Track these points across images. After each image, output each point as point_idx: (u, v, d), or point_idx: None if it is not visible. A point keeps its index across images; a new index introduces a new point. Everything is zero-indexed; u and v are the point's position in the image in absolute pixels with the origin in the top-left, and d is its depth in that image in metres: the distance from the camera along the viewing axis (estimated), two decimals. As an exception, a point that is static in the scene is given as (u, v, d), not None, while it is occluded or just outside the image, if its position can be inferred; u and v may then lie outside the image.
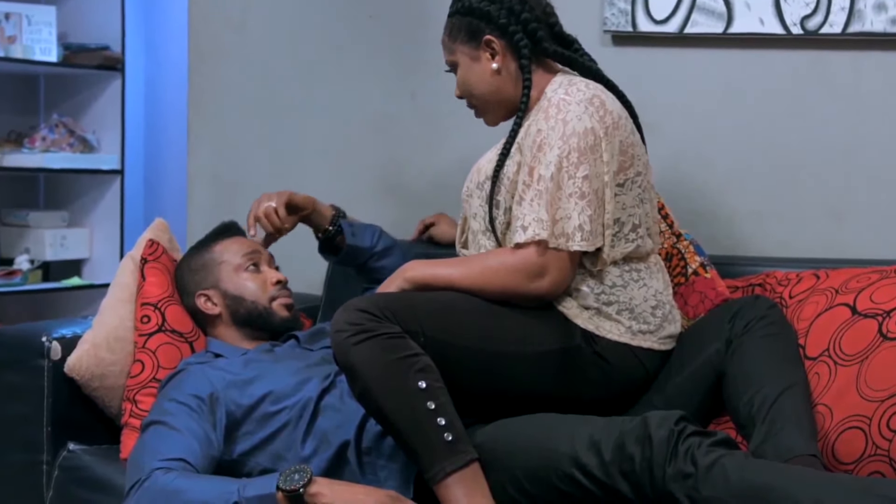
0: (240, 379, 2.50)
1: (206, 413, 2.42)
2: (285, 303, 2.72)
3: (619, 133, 2.37)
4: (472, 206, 2.53)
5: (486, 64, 2.47)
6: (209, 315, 2.71)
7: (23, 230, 5.02)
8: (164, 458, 2.27)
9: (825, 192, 2.90)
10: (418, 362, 2.17)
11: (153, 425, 2.39)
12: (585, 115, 2.33)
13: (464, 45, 2.48)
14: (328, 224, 2.83)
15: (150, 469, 2.25)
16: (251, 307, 2.69)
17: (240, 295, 2.69)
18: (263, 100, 3.42)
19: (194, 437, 2.36)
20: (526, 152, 2.37)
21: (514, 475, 2.18)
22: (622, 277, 2.39)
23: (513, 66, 2.47)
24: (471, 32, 2.47)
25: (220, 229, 2.82)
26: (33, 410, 2.63)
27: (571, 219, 2.29)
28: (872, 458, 2.19)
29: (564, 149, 2.31)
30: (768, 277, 2.67)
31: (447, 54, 2.53)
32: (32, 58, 4.79)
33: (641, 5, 2.94)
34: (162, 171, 5.44)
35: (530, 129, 2.38)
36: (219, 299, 2.70)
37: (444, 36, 2.53)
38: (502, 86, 2.48)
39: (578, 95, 2.37)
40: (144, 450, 2.33)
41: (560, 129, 2.32)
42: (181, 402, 2.42)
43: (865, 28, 2.80)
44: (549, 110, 2.36)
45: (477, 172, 2.54)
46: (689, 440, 2.04)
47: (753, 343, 2.32)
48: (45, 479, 2.63)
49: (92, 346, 2.64)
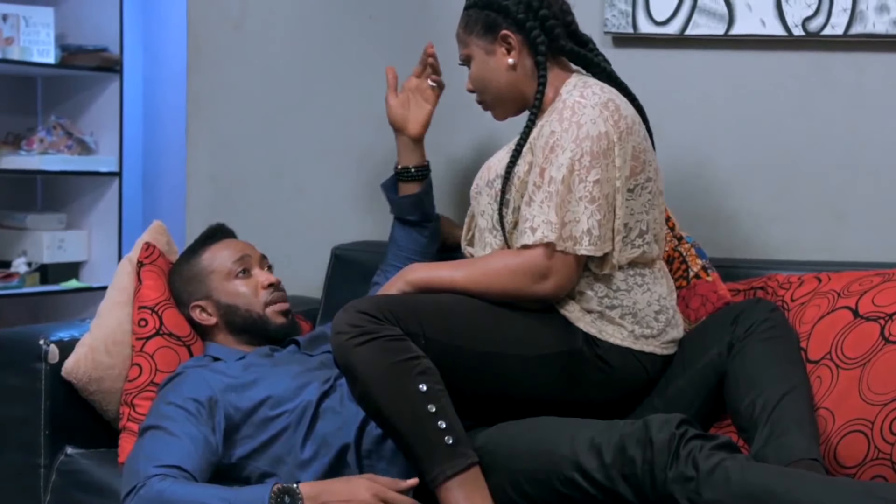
0: (238, 383, 2.49)
1: (204, 417, 2.41)
2: (280, 309, 2.71)
3: (632, 138, 2.36)
4: (480, 204, 2.52)
5: (501, 59, 2.46)
6: (205, 325, 2.70)
7: (20, 232, 5.01)
8: (160, 465, 2.27)
9: (827, 195, 2.89)
10: (419, 365, 2.17)
11: (150, 430, 2.38)
12: (600, 119, 2.32)
13: (479, 38, 2.47)
14: (414, 163, 2.83)
15: (145, 476, 2.24)
16: (245, 315, 2.68)
17: (233, 304, 2.68)
18: (262, 101, 3.41)
19: (192, 441, 2.35)
20: (538, 153, 2.36)
21: (514, 478, 2.19)
22: (626, 282, 2.38)
23: (528, 62, 2.46)
24: (487, 26, 2.46)
25: (208, 234, 2.80)
26: (31, 414, 2.63)
27: (580, 222, 2.29)
28: (875, 462, 2.18)
29: (577, 152, 2.30)
30: (770, 280, 2.66)
31: (462, 47, 2.52)
32: (30, 59, 4.79)
33: (642, 7, 2.93)
34: (160, 173, 5.43)
35: (543, 130, 2.37)
36: (213, 309, 2.69)
37: (459, 29, 2.52)
38: (517, 82, 2.47)
39: (594, 99, 2.36)
40: (141, 455, 2.33)
41: (574, 132, 2.31)
42: (179, 406, 2.41)
43: (867, 29, 2.79)
44: (563, 112, 2.35)
45: (487, 170, 2.53)
46: (691, 443, 2.05)
47: (755, 346, 2.32)
48: (43, 483, 2.63)
49: (89, 349, 2.64)
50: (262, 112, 3.41)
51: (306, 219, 3.35)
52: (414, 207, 2.83)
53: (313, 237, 3.29)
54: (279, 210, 3.37)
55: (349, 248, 3.17)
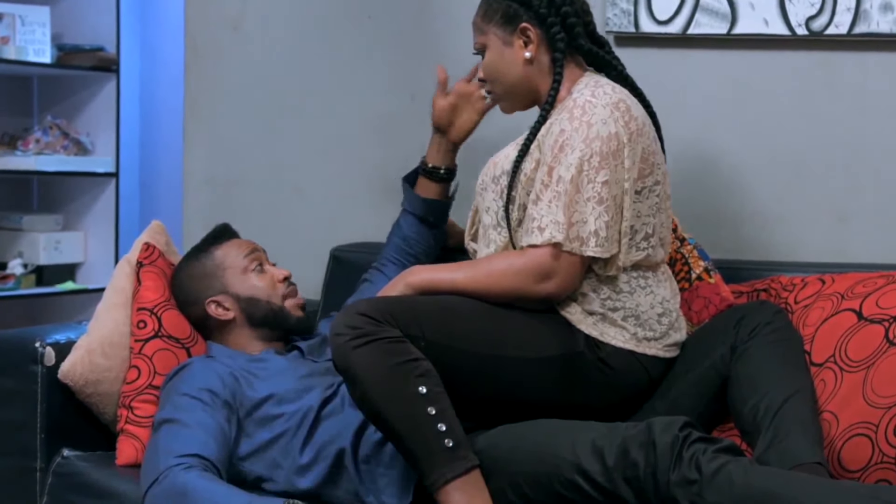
0: (244, 377, 2.50)
1: (219, 406, 2.42)
2: (299, 303, 2.73)
3: (641, 140, 2.35)
4: (485, 200, 2.50)
5: (518, 51, 2.44)
6: (221, 321, 2.69)
7: (16, 234, 5.01)
8: (179, 455, 2.26)
9: (831, 195, 2.88)
10: (419, 367, 2.16)
11: (165, 424, 2.38)
12: (611, 119, 2.31)
13: (498, 27, 2.45)
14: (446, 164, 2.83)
15: (166, 467, 2.24)
16: (266, 308, 2.68)
17: (254, 296, 2.68)
18: (260, 101, 3.40)
19: (208, 431, 2.35)
20: (546, 151, 2.35)
21: (515, 481, 2.18)
22: (629, 284, 2.37)
23: (545, 58, 2.45)
24: (508, 17, 2.44)
25: (216, 234, 2.80)
26: (27, 416, 2.62)
27: (587, 223, 2.28)
28: (879, 466, 2.17)
29: (587, 152, 2.29)
30: (773, 282, 2.66)
31: (478, 35, 2.50)
32: (26, 59, 4.78)
33: (644, 6, 2.92)
34: (157, 174, 5.43)
35: (552, 128, 2.36)
36: (231, 304, 2.68)
37: (476, 17, 2.50)
38: (531, 76, 2.46)
39: (605, 99, 2.34)
40: (158, 449, 2.32)
41: (584, 132, 2.30)
42: (194, 397, 2.42)
43: (871, 29, 2.78)
44: (573, 111, 2.34)
45: (493, 166, 2.51)
46: (694, 446, 2.04)
47: (759, 349, 2.32)
48: (39, 486, 2.62)
49: (86, 351, 2.63)
50: (260, 112, 3.41)
51: (305, 220, 3.35)
52: (441, 211, 2.85)
53: (312, 238, 3.28)
54: (277, 211, 3.37)
55: (348, 249, 3.17)
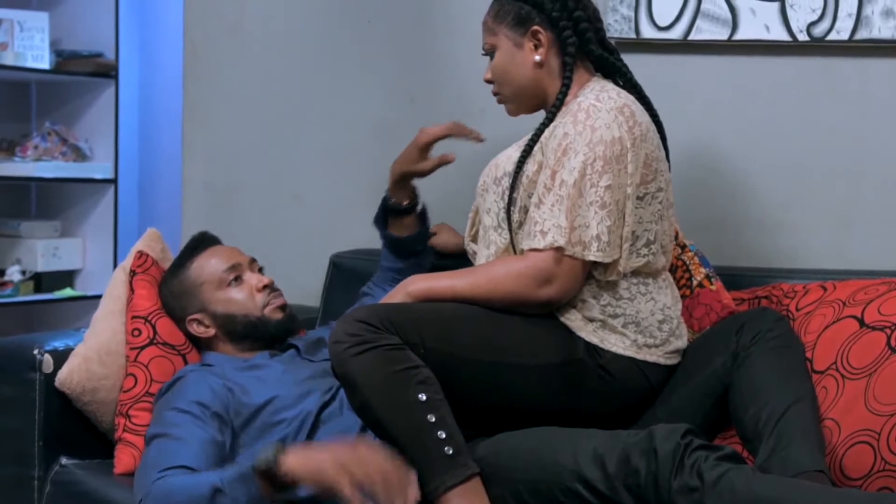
0: (239, 387, 2.48)
1: (208, 418, 2.40)
2: (277, 304, 2.69)
3: (645, 145, 2.35)
4: (486, 201, 2.50)
5: (528, 54, 2.44)
6: (204, 338, 2.67)
7: (14, 240, 5.00)
8: (165, 468, 2.25)
9: (832, 202, 2.88)
10: (418, 374, 2.16)
11: (156, 439, 2.37)
12: (615, 123, 2.31)
13: (509, 29, 2.44)
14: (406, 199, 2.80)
15: (151, 481, 2.24)
16: (244, 321, 2.66)
17: (230, 313, 2.66)
18: (259, 106, 3.40)
19: (199, 443, 2.34)
20: (549, 154, 2.34)
21: (515, 489, 2.17)
22: (629, 290, 2.37)
23: (555, 61, 2.44)
24: (519, 18, 2.43)
25: (192, 245, 2.77)
26: (25, 424, 2.62)
27: (590, 227, 2.27)
28: (881, 474, 2.17)
29: (590, 156, 2.28)
30: (774, 289, 2.66)
31: (488, 36, 2.49)
32: (24, 65, 4.77)
33: (645, 12, 2.92)
34: (156, 180, 5.42)
35: (556, 131, 2.35)
36: (210, 322, 2.67)
37: (487, 17, 2.49)
38: (540, 79, 2.45)
39: (609, 103, 2.34)
40: (148, 465, 2.31)
41: (587, 136, 2.29)
42: (184, 411, 2.40)
43: (873, 35, 2.78)
44: (577, 115, 2.33)
45: (495, 167, 2.51)
46: (696, 454, 2.04)
47: (761, 356, 2.31)
48: (37, 494, 2.62)
49: (83, 359, 2.62)
50: (259, 118, 3.41)
51: (304, 226, 3.34)
52: (423, 238, 2.84)
53: (311, 245, 3.28)
54: (276, 217, 3.37)
55: (347, 255, 3.17)
